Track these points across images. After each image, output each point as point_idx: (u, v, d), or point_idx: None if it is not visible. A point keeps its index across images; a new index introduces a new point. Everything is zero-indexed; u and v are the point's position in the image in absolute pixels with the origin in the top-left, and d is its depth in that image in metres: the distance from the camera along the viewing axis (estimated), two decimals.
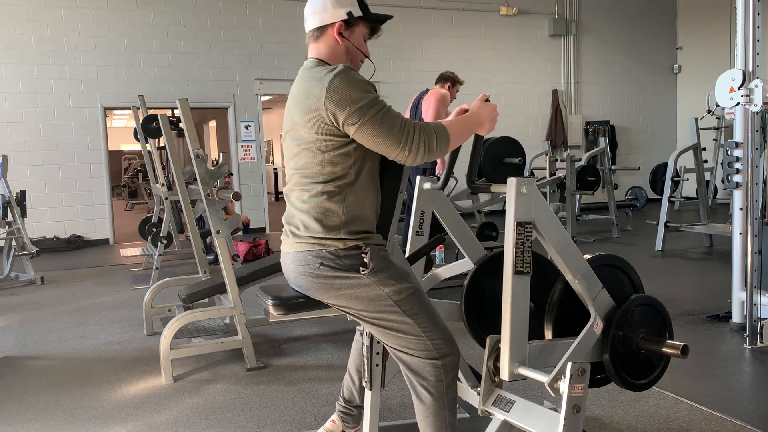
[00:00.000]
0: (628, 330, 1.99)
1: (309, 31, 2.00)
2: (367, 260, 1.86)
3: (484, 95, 2.02)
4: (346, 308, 1.94)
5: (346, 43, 1.96)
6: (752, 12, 3.53)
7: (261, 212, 9.92)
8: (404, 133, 1.80)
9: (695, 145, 7.00)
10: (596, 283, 1.97)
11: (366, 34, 2.01)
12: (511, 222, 1.81)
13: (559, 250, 1.90)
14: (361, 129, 1.79)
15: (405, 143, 1.79)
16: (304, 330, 4.25)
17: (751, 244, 3.60)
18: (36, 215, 8.32)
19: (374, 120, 1.79)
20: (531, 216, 1.83)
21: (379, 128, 1.79)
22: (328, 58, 1.97)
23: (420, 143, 1.80)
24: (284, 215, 2.03)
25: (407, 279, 1.92)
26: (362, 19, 1.97)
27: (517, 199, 1.80)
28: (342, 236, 1.88)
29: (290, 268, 1.97)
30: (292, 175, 1.97)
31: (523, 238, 1.81)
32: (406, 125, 1.81)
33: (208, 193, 3.76)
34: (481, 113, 1.97)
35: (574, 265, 1.93)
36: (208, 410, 2.99)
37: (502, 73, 11.22)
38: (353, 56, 1.99)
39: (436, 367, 1.87)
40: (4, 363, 3.81)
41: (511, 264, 1.80)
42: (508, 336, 1.81)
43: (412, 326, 1.87)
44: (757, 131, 3.60)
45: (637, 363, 2.03)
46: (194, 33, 9.34)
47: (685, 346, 1.92)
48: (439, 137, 1.84)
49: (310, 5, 1.99)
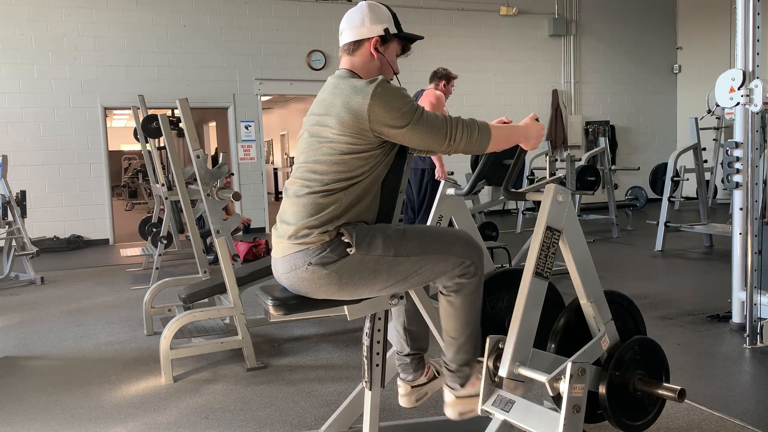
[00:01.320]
0: (627, 368, 2.00)
1: (344, 44, 2.08)
2: (347, 238, 1.89)
3: (534, 114, 2.13)
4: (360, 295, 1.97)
5: (381, 58, 2.06)
6: (752, 12, 3.53)
7: (261, 212, 9.92)
8: (449, 126, 1.92)
9: (695, 145, 6.99)
10: (608, 311, 2.01)
11: (398, 51, 2.12)
12: (542, 224, 1.87)
13: (579, 267, 1.95)
14: (412, 130, 1.89)
15: (451, 136, 1.92)
16: (304, 330, 4.25)
17: (751, 244, 3.60)
18: (36, 215, 8.32)
19: (422, 120, 1.90)
20: (561, 224, 1.89)
21: (428, 127, 1.91)
22: (361, 70, 2.05)
23: (463, 134, 1.93)
24: (279, 212, 2.05)
25: (390, 228, 1.98)
26: (397, 37, 2.07)
27: (552, 205, 1.88)
28: (329, 229, 1.90)
29: (282, 275, 1.99)
30: (298, 167, 2.00)
31: (549, 243, 1.87)
32: (448, 119, 1.94)
33: (208, 193, 3.76)
34: (530, 129, 2.07)
35: (591, 287, 1.97)
36: (208, 410, 2.99)
37: (502, 73, 11.22)
38: (385, 71, 2.08)
39: (467, 267, 1.99)
40: (4, 363, 3.81)
41: (533, 265, 1.85)
42: (515, 334, 1.82)
43: (424, 257, 1.95)
44: (757, 131, 3.60)
45: (633, 403, 2.03)
46: (194, 33, 9.34)
47: (682, 390, 1.92)
48: (481, 131, 1.95)
49: (348, 19, 2.08)
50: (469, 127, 1.94)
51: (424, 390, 2.32)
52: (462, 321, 2.02)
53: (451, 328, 2.04)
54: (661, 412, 2.10)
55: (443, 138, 1.92)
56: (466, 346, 2.05)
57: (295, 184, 1.98)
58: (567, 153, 7.78)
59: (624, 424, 2.01)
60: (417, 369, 2.30)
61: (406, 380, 2.30)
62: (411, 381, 2.30)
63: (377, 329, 2.13)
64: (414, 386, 2.30)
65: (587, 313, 1.98)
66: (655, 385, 2.00)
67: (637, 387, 2.01)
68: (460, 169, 9.11)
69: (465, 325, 2.02)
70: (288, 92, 10.25)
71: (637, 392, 2.01)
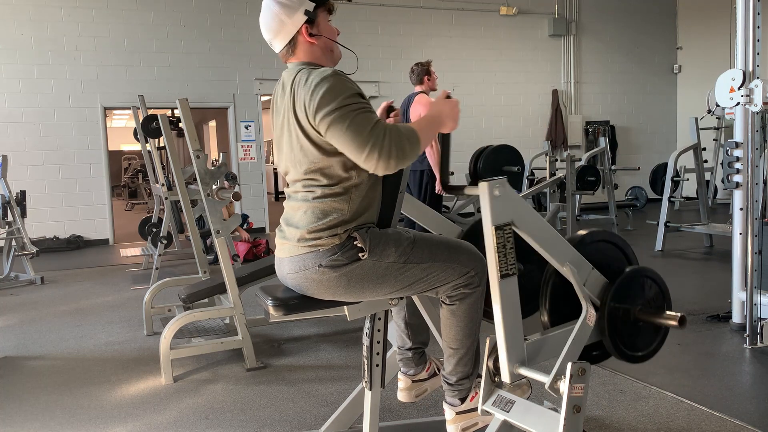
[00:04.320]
0: (624, 304, 2.00)
1: (280, 51, 1.98)
2: (360, 243, 1.87)
3: (444, 91, 2.01)
4: (365, 298, 1.96)
5: (320, 40, 1.95)
6: (752, 12, 3.53)
7: (261, 212, 9.92)
8: (374, 136, 1.72)
9: (695, 145, 6.99)
10: (585, 265, 1.96)
11: (327, 17, 1.99)
12: (489, 227, 1.77)
13: (542, 244, 1.88)
14: (331, 129, 1.76)
15: (374, 147, 1.72)
16: (304, 330, 4.25)
17: (751, 244, 3.60)
18: (36, 215, 8.32)
19: (344, 119, 1.73)
20: (508, 216, 1.79)
21: (347, 129, 1.73)
22: (312, 60, 1.96)
23: (391, 147, 1.73)
24: (283, 215, 2.03)
25: (402, 236, 1.95)
26: (317, 7, 1.95)
27: (491, 203, 1.76)
28: (339, 232, 1.88)
29: (288, 275, 1.98)
30: (297, 179, 1.96)
31: (503, 241, 1.77)
32: (377, 128, 1.74)
33: (208, 193, 3.76)
34: (443, 111, 1.93)
35: (560, 253, 1.91)
36: (208, 410, 2.99)
37: (502, 73, 11.22)
38: (331, 46, 1.99)
39: (472, 277, 1.97)
40: (4, 363, 3.81)
41: (496, 269, 1.78)
42: (503, 340, 1.80)
43: (433, 264, 1.93)
44: (757, 131, 3.60)
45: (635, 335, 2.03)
46: (194, 33, 9.34)
47: (682, 316, 1.92)
48: (410, 139, 1.78)
49: (266, 29, 1.96)
50: (399, 140, 1.75)
51: (425, 386, 2.32)
52: (463, 332, 2.00)
53: (451, 338, 2.02)
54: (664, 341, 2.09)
55: (362, 145, 1.72)
56: (465, 359, 2.03)
57: (300, 191, 1.94)
58: (567, 153, 7.78)
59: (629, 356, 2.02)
60: (419, 363, 2.30)
61: (407, 374, 2.30)
62: (412, 375, 2.30)
63: (377, 329, 2.13)
64: (415, 381, 2.31)
65: (568, 277, 1.94)
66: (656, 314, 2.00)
67: (638, 318, 2.01)
68: (459, 169, 9.12)
69: (466, 336, 2.01)
70: None
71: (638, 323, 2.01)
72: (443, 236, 2.12)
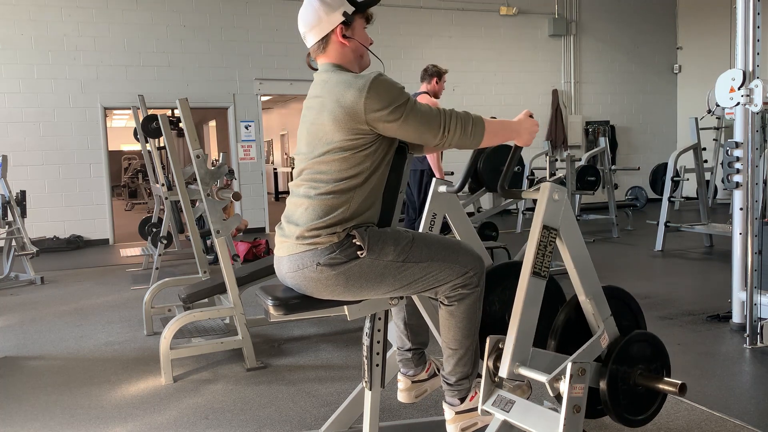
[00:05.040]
0: (628, 363, 2.00)
1: (312, 46, 2.02)
2: (359, 241, 1.88)
3: (528, 111, 2.10)
4: (364, 296, 1.97)
5: (352, 42, 2.00)
6: (752, 12, 3.53)
7: (261, 212, 9.92)
8: (442, 118, 1.90)
9: (695, 145, 6.99)
10: (606, 308, 2.00)
11: (364, 24, 2.05)
12: (538, 223, 1.85)
13: (577, 264, 1.94)
14: (406, 122, 1.87)
15: (446, 127, 1.90)
16: (304, 330, 4.25)
17: (751, 244, 3.60)
18: (36, 215, 8.31)
19: (415, 112, 1.88)
20: (558, 222, 1.87)
21: (421, 118, 1.89)
22: (341, 61, 2.00)
23: (457, 126, 1.91)
24: (284, 212, 2.03)
25: (401, 235, 1.96)
26: (356, 12, 1.99)
27: (547, 204, 1.86)
28: (338, 231, 1.89)
29: (287, 274, 1.98)
30: (303, 169, 1.97)
31: (546, 242, 1.85)
32: (442, 111, 1.92)
33: (208, 193, 3.76)
34: (523, 125, 2.05)
35: (589, 284, 1.96)
36: (208, 410, 2.99)
37: (502, 73, 11.22)
38: (362, 52, 2.04)
39: (470, 278, 1.98)
40: (4, 363, 3.81)
41: (531, 264, 1.83)
42: (514, 334, 1.82)
43: (431, 264, 1.94)
44: (757, 131, 3.60)
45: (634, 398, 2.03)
46: (194, 33, 9.34)
47: (683, 384, 1.92)
48: (475, 124, 1.93)
49: (303, 22, 2.00)
50: (463, 119, 1.92)
51: (424, 387, 2.32)
52: (462, 332, 2.00)
53: (450, 339, 2.03)
54: (662, 406, 2.09)
55: (437, 129, 1.89)
56: (465, 359, 2.04)
57: (303, 186, 1.96)
58: (567, 153, 7.78)
59: (625, 418, 2.01)
60: (418, 364, 2.30)
61: (407, 375, 2.31)
62: (412, 376, 2.30)
63: (377, 329, 2.13)
64: (415, 381, 2.31)
65: (586, 310, 1.98)
66: (656, 379, 2.00)
67: (637, 382, 2.01)
68: (459, 169, 9.09)
69: (465, 336, 2.01)
70: (288, 92, 10.25)
71: (638, 387, 2.01)
72: (442, 236, 2.12)
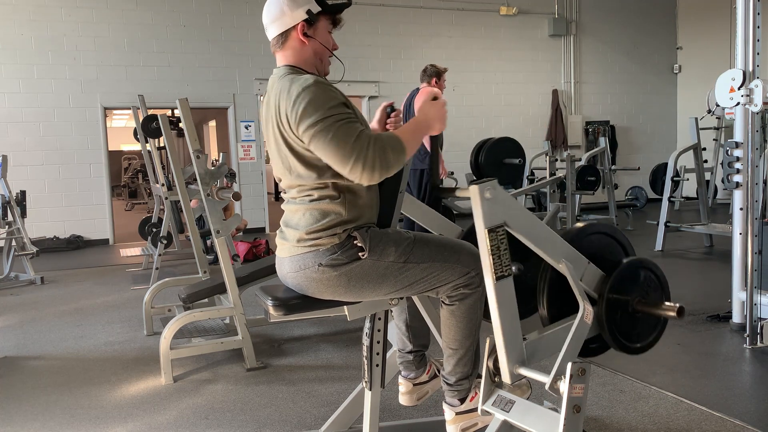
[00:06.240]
0: (622, 295, 1.99)
1: (272, 39, 1.98)
2: (361, 243, 1.88)
3: (426, 98, 1.99)
4: (365, 297, 1.96)
5: (312, 43, 1.95)
6: (752, 12, 3.53)
7: (261, 212, 9.92)
8: (357, 147, 1.71)
9: (695, 145, 6.99)
10: (581, 260, 1.96)
11: (330, 27, 2.00)
12: (482, 230, 1.76)
13: (536, 242, 1.88)
14: (314, 140, 1.76)
15: (357, 158, 1.71)
16: (304, 330, 4.25)
17: (751, 244, 3.60)
18: (36, 215, 8.31)
19: (327, 131, 1.73)
20: (501, 218, 1.78)
21: (331, 140, 1.72)
22: (298, 61, 1.96)
23: (375, 158, 1.72)
24: (282, 218, 2.03)
25: (402, 236, 1.95)
26: (322, 14, 1.95)
27: (482, 206, 1.74)
28: (338, 232, 1.89)
29: (289, 274, 1.98)
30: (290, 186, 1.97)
31: (497, 243, 1.76)
32: (360, 139, 1.72)
33: (208, 193, 3.76)
34: (429, 114, 1.93)
35: (555, 251, 1.91)
36: (208, 410, 2.99)
37: (502, 73, 11.22)
38: (322, 54, 1.99)
39: (472, 277, 1.96)
40: (4, 363, 3.81)
41: (491, 272, 1.77)
42: (501, 341, 1.80)
43: (433, 264, 1.93)
44: (757, 131, 3.60)
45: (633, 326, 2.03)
46: (194, 33, 9.34)
47: (681, 307, 1.91)
48: (394, 149, 1.76)
49: (267, 13, 1.96)
50: (382, 149, 1.73)
51: (426, 389, 2.32)
52: (463, 332, 2.00)
53: (451, 339, 2.02)
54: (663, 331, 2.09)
55: (347, 156, 1.71)
56: (465, 359, 2.03)
57: (297, 197, 1.95)
58: (567, 153, 7.78)
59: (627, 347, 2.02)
60: (419, 366, 2.30)
61: (408, 378, 2.30)
62: (413, 379, 2.30)
63: (377, 329, 2.13)
64: (416, 384, 2.30)
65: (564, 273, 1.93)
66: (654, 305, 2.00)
67: (636, 309, 2.00)
68: (459, 168, 9.12)
69: (465, 336, 2.01)
70: None
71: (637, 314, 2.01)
72: (444, 236, 2.12)
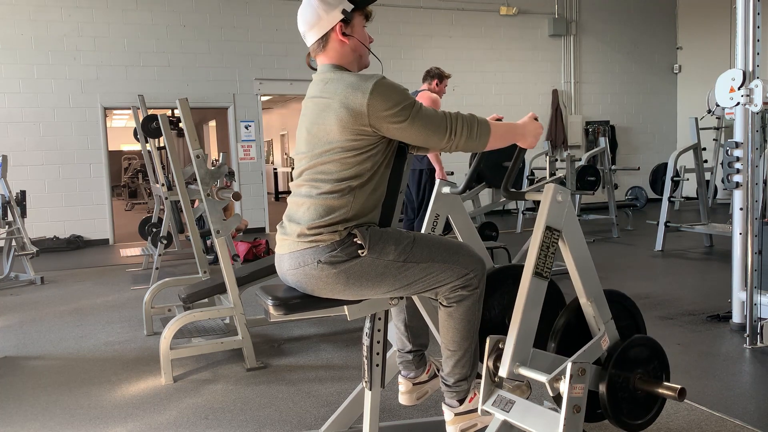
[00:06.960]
0: (627, 367, 2.00)
1: (312, 44, 2.02)
2: (360, 240, 1.89)
3: (533, 114, 2.11)
4: (364, 296, 1.96)
5: (351, 41, 2.00)
6: (752, 12, 3.53)
7: (261, 212, 9.92)
8: (448, 121, 1.90)
9: (695, 145, 6.99)
10: (607, 311, 2.01)
11: (363, 22, 2.04)
12: (541, 224, 1.86)
13: (578, 266, 1.94)
14: (411, 125, 1.87)
15: (452, 130, 1.90)
16: (304, 330, 4.25)
17: (751, 244, 3.60)
18: (36, 215, 8.31)
19: (422, 115, 1.88)
20: (561, 224, 1.88)
21: (428, 121, 1.89)
22: (341, 61, 2.00)
23: (463, 129, 1.90)
24: (286, 211, 2.03)
25: (402, 235, 1.96)
26: (356, 10, 1.99)
27: (551, 205, 1.88)
28: (339, 229, 1.89)
29: (288, 272, 1.98)
30: (304, 170, 1.97)
31: (549, 242, 1.86)
32: (448, 114, 1.92)
33: (208, 193, 3.76)
34: (528, 127, 2.05)
35: (590, 286, 1.96)
36: (208, 410, 2.99)
37: (502, 73, 11.22)
38: (362, 50, 2.04)
39: (470, 279, 1.98)
40: (4, 363, 3.81)
41: (533, 265, 1.84)
42: (515, 334, 1.82)
43: (432, 265, 1.95)
44: (757, 131, 3.60)
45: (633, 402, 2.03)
46: (194, 33, 9.34)
47: (682, 389, 1.92)
48: (480, 127, 1.93)
49: (303, 21, 2.01)
50: (469, 122, 1.91)
51: (425, 388, 2.32)
52: (461, 333, 2.00)
53: (449, 340, 2.03)
54: (661, 410, 2.10)
55: (443, 132, 1.89)
56: (463, 360, 2.03)
57: (304, 186, 1.96)
58: (567, 153, 7.78)
59: (624, 423, 2.01)
60: (419, 366, 2.30)
61: (407, 377, 2.30)
62: (413, 378, 2.30)
63: (377, 329, 2.13)
64: (416, 383, 2.30)
65: (587, 313, 1.98)
66: (656, 384, 2.00)
67: (637, 386, 2.01)
68: (459, 169, 9.11)
69: (464, 338, 2.01)
70: (288, 92, 10.25)
71: (637, 391, 2.01)
72: (443, 237, 2.12)
